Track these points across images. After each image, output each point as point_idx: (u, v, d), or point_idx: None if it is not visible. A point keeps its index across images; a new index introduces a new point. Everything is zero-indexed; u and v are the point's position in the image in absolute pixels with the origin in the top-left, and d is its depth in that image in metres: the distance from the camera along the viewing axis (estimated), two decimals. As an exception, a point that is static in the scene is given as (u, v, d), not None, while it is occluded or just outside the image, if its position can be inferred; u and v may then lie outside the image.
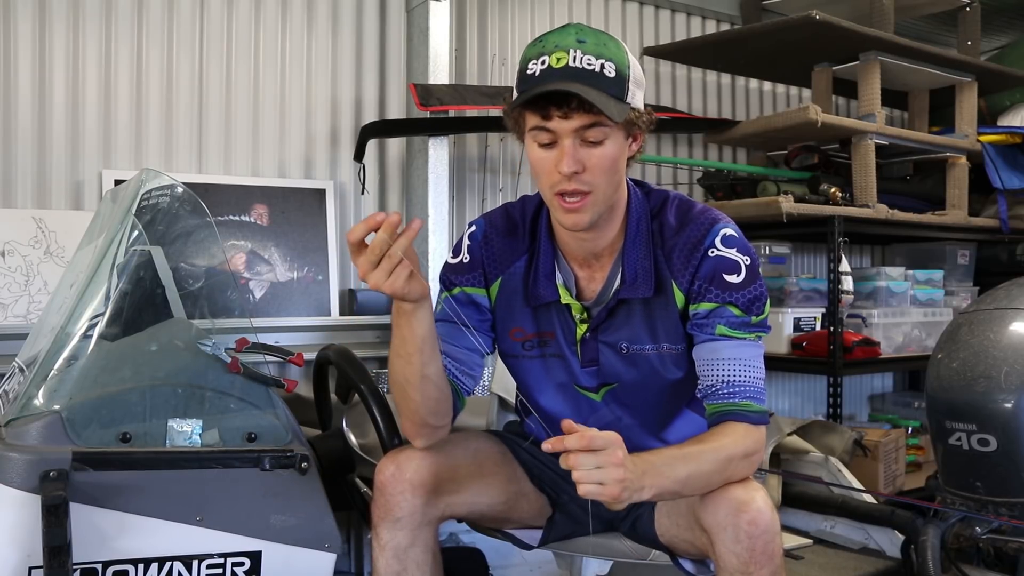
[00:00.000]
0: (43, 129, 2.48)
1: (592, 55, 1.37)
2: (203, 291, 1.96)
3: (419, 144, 2.88)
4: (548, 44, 1.39)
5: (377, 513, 1.51)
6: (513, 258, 1.58)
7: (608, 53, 1.38)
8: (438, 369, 1.46)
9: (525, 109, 1.40)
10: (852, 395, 4.18)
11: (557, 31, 1.42)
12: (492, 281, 1.59)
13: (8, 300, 2.34)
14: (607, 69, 1.37)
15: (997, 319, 2.24)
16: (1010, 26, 4.35)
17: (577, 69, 1.35)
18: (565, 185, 1.39)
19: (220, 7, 2.73)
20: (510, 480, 1.68)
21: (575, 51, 1.37)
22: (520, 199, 1.65)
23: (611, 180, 1.43)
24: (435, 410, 1.48)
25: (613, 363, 1.57)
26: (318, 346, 2.15)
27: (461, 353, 1.56)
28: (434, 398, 1.47)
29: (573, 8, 3.38)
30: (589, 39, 1.39)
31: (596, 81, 1.36)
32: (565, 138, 1.37)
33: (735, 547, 1.35)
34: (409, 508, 1.49)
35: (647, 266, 1.51)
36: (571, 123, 1.36)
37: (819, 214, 3.16)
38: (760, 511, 1.36)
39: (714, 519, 1.38)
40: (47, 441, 1.52)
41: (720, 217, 1.52)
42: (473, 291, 1.59)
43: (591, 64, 1.36)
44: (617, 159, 1.42)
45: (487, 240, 1.59)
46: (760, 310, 1.48)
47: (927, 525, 2.26)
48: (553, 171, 1.39)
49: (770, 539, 1.36)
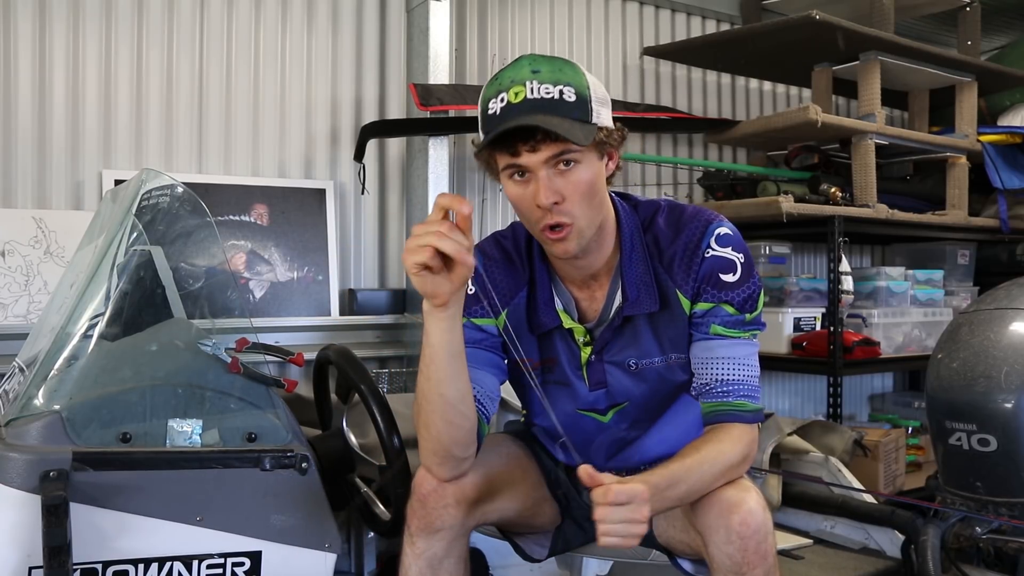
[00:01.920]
0: (43, 129, 2.48)
1: (549, 83, 1.36)
2: (203, 291, 1.96)
3: (419, 144, 2.88)
4: (504, 80, 1.38)
5: (416, 523, 1.47)
6: (516, 289, 1.57)
7: (565, 78, 1.37)
8: (461, 394, 1.38)
9: (494, 150, 1.39)
10: (852, 395, 4.18)
11: (511, 66, 1.41)
12: (498, 314, 1.57)
13: (8, 300, 2.34)
14: (566, 94, 1.36)
15: (997, 319, 2.24)
16: (1010, 26, 4.35)
17: (536, 100, 1.35)
18: (548, 219, 1.39)
19: (220, 7, 2.73)
20: (534, 486, 1.67)
21: (531, 82, 1.36)
22: (510, 227, 1.63)
23: (591, 204, 1.42)
24: (458, 439, 1.41)
25: (622, 382, 1.57)
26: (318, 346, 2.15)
27: (481, 376, 1.51)
28: (457, 425, 1.39)
29: (573, 8, 3.38)
30: (543, 68, 1.38)
31: (557, 108, 1.35)
32: (538, 170, 1.37)
33: (727, 548, 1.36)
34: (450, 521, 1.46)
35: (648, 280, 1.50)
36: (540, 155, 1.36)
37: (819, 214, 3.16)
38: (751, 511, 1.36)
39: (705, 520, 1.39)
40: (47, 441, 1.52)
41: (713, 216, 1.51)
42: (482, 322, 1.55)
43: (549, 92, 1.35)
44: (594, 181, 1.41)
45: (488, 272, 1.57)
46: (753, 307, 1.48)
47: (927, 525, 2.26)
48: (533, 207, 1.39)
49: (762, 539, 1.36)
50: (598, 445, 1.66)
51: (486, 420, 1.51)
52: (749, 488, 1.41)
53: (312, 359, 2.11)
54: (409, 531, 1.48)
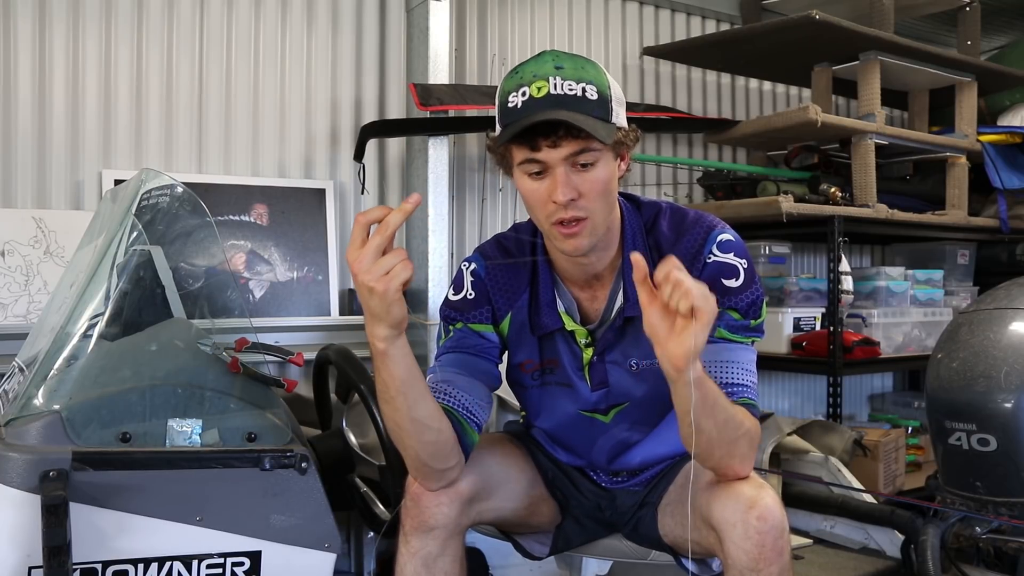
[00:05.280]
0: (43, 129, 2.48)
1: (572, 80, 1.36)
2: (203, 291, 1.96)
3: (419, 144, 2.88)
4: (526, 75, 1.38)
5: (410, 522, 1.47)
6: (520, 291, 1.57)
7: (588, 76, 1.38)
8: (430, 411, 1.38)
9: (511, 144, 1.39)
10: (852, 395, 4.18)
11: (533, 60, 1.40)
12: (502, 317, 1.57)
13: (8, 300, 2.34)
14: (589, 92, 1.36)
15: (997, 319, 2.24)
16: (1010, 26, 4.35)
17: (560, 96, 1.35)
18: (562, 214, 1.38)
19: (220, 7, 2.73)
20: (532, 484, 1.67)
21: (555, 78, 1.36)
22: (512, 228, 1.64)
23: (607, 202, 1.42)
24: (435, 453, 1.41)
25: (623, 382, 1.57)
26: (318, 346, 2.15)
27: (472, 384, 1.51)
28: (431, 441, 1.39)
29: (573, 8, 3.38)
30: (567, 64, 1.38)
31: (580, 106, 1.35)
32: (557, 167, 1.36)
33: (745, 544, 1.34)
34: (444, 519, 1.46)
35: None
36: (561, 151, 1.35)
37: (819, 214, 3.16)
38: (769, 508, 1.36)
39: (723, 516, 1.38)
40: (47, 441, 1.52)
41: (715, 223, 1.51)
42: (479, 327, 1.55)
43: (573, 89, 1.35)
44: (609, 181, 1.41)
45: (491, 275, 1.57)
46: (757, 313, 1.48)
47: (927, 525, 2.26)
48: (547, 201, 1.39)
49: (779, 535, 1.35)
50: (600, 446, 1.66)
51: (477, 429, 1.50)
52: (765, 486, 1.41)
53: (312, 359, 2.11)
54: (404, 530, 1.48)
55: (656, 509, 1.63)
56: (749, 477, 1.42)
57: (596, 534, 1.75)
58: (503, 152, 1.43)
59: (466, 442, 1.46)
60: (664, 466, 1.68)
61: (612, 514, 1.71)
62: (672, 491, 1.62)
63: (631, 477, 1.70)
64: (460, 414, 1.47)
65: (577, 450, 1.70)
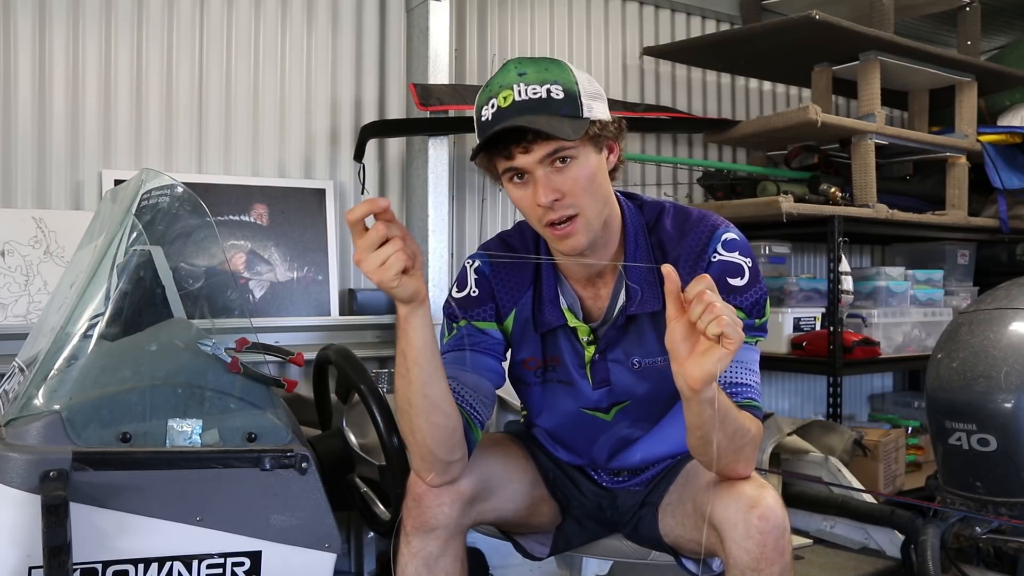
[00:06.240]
0: (43, 129, 2.48)
1: (536, 84, 1.38)
2: (203, 291, 1.96)
3: (419, 144, 2.88)
4: (493, 87, 1.41)
5: (411, 522, 1.48)
6: (523, 288, 1.58)
7: (551, 77, 1.39)
8: (442, 391, 1.39)
9: (490, 155, 1.42)
10: (852, 395, 4.18)
11: (499, 72, 1.43)
12: (506, 315, 1.58)
13: (8, 300, 2.34)
14: (554, 92, 1.38)
15: (997, 319, 2.24)
16: (1010, 26, 4.35)
17: (524, 102, 1.37)
18: (551, 215, 1.40)
19: (220, 7, 2.73)
20: (532, 485, 1.67)
21: (518, 85, 1.38)
22: (516, 226, 1.65)
23: (596, 196, 1.43)
24: (443, 440, 1.41)
25: (625, 380, 1.57)
26: (318, 346, 2.15)
27: (474, 380, 1.52)
28: (441, 425, 1.39)
29: (573, 8, 3.38)
30: (530, 69, 1.40)
31: (546, 107, 1.37)
32: (535, 170, 1.39)
33: (746, 543, 1.35)
34: (445, 519, 1.46)
35: (652, 280, 1.50)
36: (534, 155, 1.38)
37: (819, 214, 3.16)
38: (771, 508, 1.36)
39: (725, 515, 1.38)
40: (47, 441, 1.52)
41: (720, 222, 1.52)
42: (483, 325, 1.56)
43: (537, 92, 1.38)
44: (593, 175, 1.42)
45: (495, 272, 1.58)
46: (761, 313, 1.48)
47: (927, 525, 2.26)
48: (534, 206, 1.41)
49: (780, 535, 1.35)
50: (600, 444, 1.66)
51: (480, 426, 1.50)
52: (766, 485, 1.41)
53: (312, 359, 2.11)
54: (405, 530, 1.49)
55: (657, 509, 1.63)
56: (751, 477, 1.42)
57: (596, 534, 1.75)
58: (487, 166, 1.46)
59: (470, 438, 1.47)
60: (665, 465, 1.68)
61: (613, 514, 1.72)
62: (673, 491, 1.62)
63: (632, 477, 1.70)
64: (465, 410, 1.47)
65: (578, 449, 1.70)
